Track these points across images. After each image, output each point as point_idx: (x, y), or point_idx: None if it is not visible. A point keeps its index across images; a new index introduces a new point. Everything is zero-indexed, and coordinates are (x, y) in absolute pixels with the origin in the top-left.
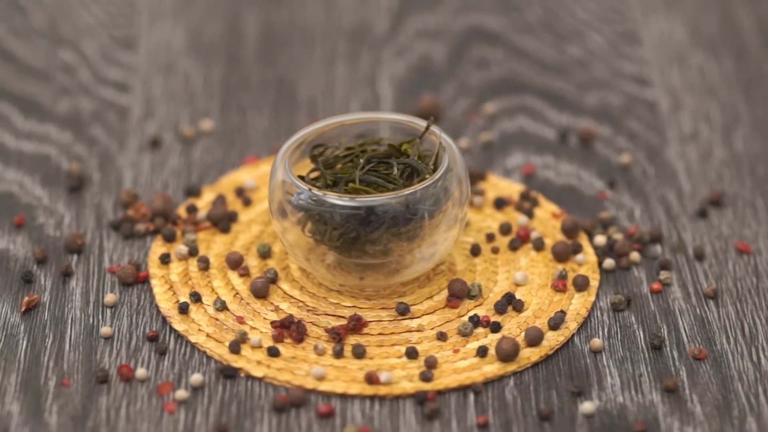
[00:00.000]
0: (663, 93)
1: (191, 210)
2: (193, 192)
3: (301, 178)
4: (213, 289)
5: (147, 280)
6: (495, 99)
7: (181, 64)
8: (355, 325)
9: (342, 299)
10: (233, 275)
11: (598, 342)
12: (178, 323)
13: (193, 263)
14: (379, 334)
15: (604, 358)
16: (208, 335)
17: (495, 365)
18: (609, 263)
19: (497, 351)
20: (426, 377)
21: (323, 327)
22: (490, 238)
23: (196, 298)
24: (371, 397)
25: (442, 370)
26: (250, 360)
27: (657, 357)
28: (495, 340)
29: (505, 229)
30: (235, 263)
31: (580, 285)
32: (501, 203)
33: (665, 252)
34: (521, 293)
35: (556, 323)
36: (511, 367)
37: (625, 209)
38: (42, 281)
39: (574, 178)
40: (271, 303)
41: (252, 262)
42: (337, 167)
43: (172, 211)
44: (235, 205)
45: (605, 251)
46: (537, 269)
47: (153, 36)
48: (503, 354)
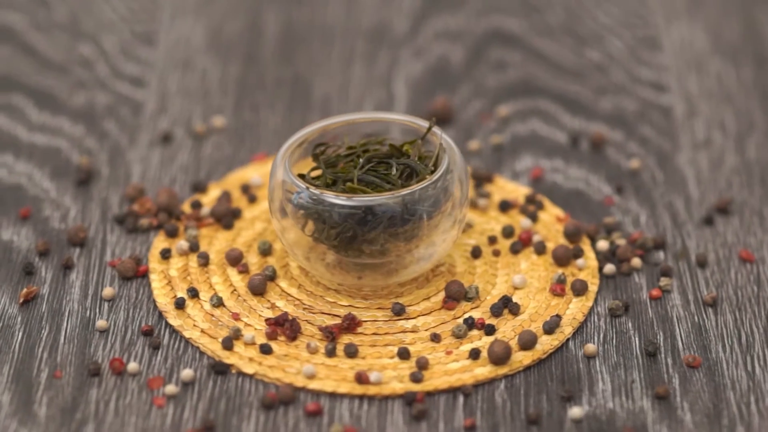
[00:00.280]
0: (679, 99)
1: (196, 206)
2: (199, 188)
3: (302, 176)
4: (211, 285)
5: (147, 274)
6: (509, 101)
7: (199, 60)
8: (349, 325)
9: (339, 298)
10: (232, 272)
11: (592, 347)
12: (173, 318)
13: (193, 259)
14: (373, 333)
15: (597, 363)
16: (202, 331)
17: (486, 368)
18: (609, 268)
19: (489, 354)
20: (416, 378)
21: (317, 325)
22: (492, 240)
23: (193, 293)
24: (360, 397)
25: (433, 371)
26: (242, 357)
27: (651, 364)
28: (488, 342)
29: (508, 232)
30: (235, 260)
31: (578, 289)
32: (506, 206)
33: (667, 259)
34: (519, 296)
35: (551, 327)
36: (503, 370)
37: (631, 215)
38: (43, 273)
39: (582, 182)
40: (268, 300)
41: (252, 259)
42: (339, 166)
43: (176, 207)
44: (241, 202)
45: (607, 256)
46: (537, 273)
47: (173, 32)
48: (495, 357)
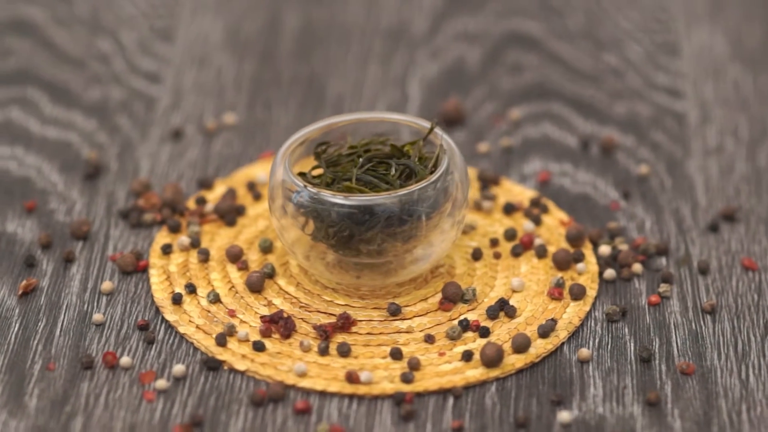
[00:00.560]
0: (693, 105)
1: (200, 202)
2: (206, 184)
3: (303, 175)
4: (209, 282)
5: (147, 269)
6: (523, 104)
7: (216, 57)
8: (344, 324)
9: (336, 297)
10: (232, 268)
11: (585, 352)
12: (169, 313)
13: (194, 255)
14: (368, 333)
15: (590, 368)
16: (197, 327)
17: (478, 370)
18: (610, 273)
19: (481, 356)
20: (407, 379)
21: (312, 324)
22: (493, 243)
23: (191, 289)
24: (350, 396)
25: (424, 372)
26: (235, 353)
27: (644, 370)
28: (482, 345)
29: (510, 235)
30: (235, 257)
31: (576, 294)
32: (510, 209)
33: (669, 265)
34: (516, 300)
35: (545, 331)
36: (494, 373)
37: (636, 220)
38: (44, 266)
39: (589, 186)
40: (265, 298)
41: (252, 256)
42: (340, 165)
43: (181, 203)
44: (245, 199)
45: (608, 261)
46: (536, 276)
47: (192, 29)
48: (487, 359)
